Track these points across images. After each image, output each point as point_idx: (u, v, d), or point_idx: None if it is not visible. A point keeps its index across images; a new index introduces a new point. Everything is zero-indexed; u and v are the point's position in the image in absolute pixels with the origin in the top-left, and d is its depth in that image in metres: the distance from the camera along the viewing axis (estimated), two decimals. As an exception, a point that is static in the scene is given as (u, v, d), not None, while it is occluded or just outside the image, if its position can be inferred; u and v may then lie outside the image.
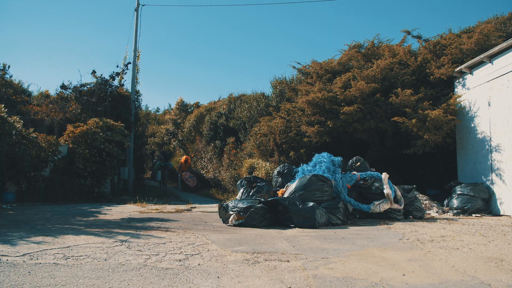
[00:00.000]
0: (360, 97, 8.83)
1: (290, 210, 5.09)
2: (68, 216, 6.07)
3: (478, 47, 8.67)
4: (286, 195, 5.97)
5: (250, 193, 6.48)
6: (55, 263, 2.76)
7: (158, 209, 7.52)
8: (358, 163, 7.05)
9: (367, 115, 8.89)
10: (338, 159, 6.71)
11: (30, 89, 14.07)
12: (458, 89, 8.67)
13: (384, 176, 6.27)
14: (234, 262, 2.92)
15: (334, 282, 2.39)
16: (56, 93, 12.99)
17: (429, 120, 7.75)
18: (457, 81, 8.74)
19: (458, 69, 8.41)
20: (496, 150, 7.43)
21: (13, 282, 2.23)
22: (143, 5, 14.72)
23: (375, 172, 6.59)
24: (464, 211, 7.25)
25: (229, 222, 5.31)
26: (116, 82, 13.57)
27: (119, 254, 3.15)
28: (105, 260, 2.90)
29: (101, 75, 13.11)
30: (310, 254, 3.22)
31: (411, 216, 6.28)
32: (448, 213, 7.38)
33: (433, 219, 6.22)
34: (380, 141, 10.02)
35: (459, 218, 6.51)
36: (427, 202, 7.71)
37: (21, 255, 2.98)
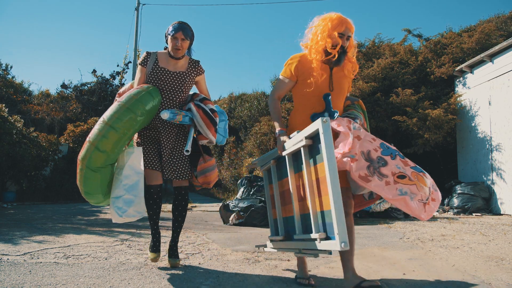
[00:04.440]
0: (361, 97, 8.82)
1: (291, 209, 5.08)
2: (69, 215, 6.07)
3: (479, 46, 8.67)
4: (286, 194, 5.96)
5: (251, 192, 6.48)
6: (55, 262, 2.76)
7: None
8: (359, 162, 7.05)
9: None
10: (339, 158, 6.70)
11: (30, 88, 14.09)
12: (459, 88, 8.66)
13: (385, 175, 6.26)
14: (234, 261, 2.92)
15: (335, 281, 2.39)
16: (56, 92, 13.03)
17: (429, 119, 7.75)
18: (457, 80, 8.73)
19: (458, 68, 8.41)
20: (496, 150, 7.43)
21: (14, 281, 2.24)
22: (143, 4, 14.70)
23: (376, 171, 6.58)
24: (464, 210, 7.25)
25: (230, 221, 5.31)
26: (116, 81, 13.60)
27: (120, 253, 3.15)
28: (106, 259, 2.91)
29: (102, 74, 13.15)
30: (310, 253, 3.22)
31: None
32: (449, 212, 7.38)
33: (433, 218, 6.22)
34: (381, 140, 10.02)
35: (460, 217, 6.51)
36: (427, 201, 7.71)
37: (22, 254, 2.98)
